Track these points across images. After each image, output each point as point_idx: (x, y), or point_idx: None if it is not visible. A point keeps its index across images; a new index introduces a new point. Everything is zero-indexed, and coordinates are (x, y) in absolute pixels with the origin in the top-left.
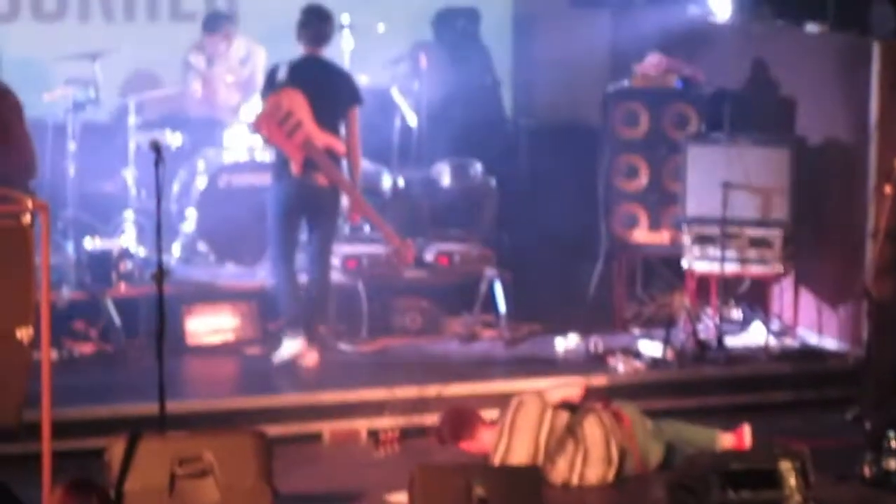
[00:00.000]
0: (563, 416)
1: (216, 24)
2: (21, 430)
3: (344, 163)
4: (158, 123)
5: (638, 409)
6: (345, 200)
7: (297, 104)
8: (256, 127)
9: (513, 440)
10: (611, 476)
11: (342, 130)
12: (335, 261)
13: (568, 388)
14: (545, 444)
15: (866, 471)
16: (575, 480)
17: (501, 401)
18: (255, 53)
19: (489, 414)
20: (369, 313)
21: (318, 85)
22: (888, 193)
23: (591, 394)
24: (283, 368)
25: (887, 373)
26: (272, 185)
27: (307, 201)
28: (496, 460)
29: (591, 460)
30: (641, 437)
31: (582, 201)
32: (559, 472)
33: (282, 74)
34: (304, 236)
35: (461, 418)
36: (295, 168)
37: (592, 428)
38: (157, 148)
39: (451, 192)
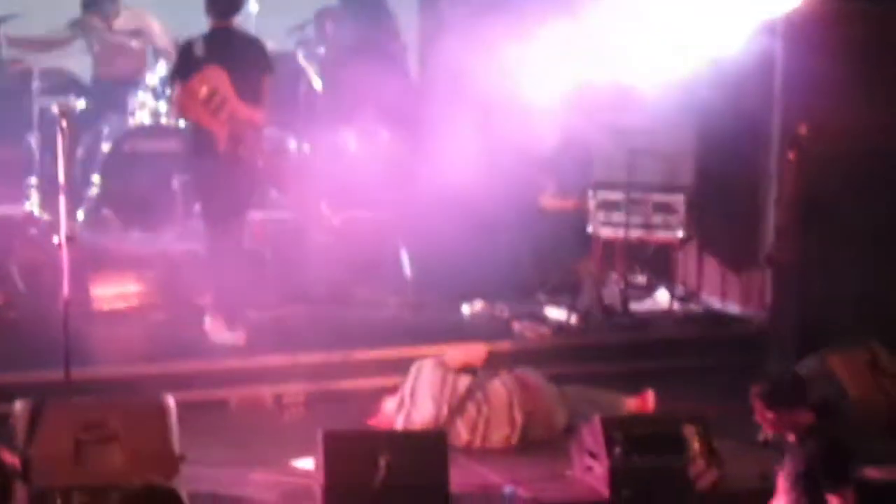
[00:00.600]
0: (465, 381)
1: (94, 5)
2: None
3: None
4: (62, 88)
5: (542, 376)
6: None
7: (220, 81)
8: (179, 110)
9: (414, 405)
10: (515, 439)
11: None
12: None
13: (469, 353)
14: (447, 408)
15: (768, 436)
16: (478, 443)
17: (407, 366)
18: (145, 24)
19: (395, 380)
20: (276, 279)
21: (235, 58)
22: (792, 160)
23: (494, 359)
24: (190, 336)
25: (790, 339)
26: (194, 160)
27: (232, 174)
28: (399, 425)
29: (493, 423)
30: (546, 400)
31: (489, 167)
32: (462, 435)
33: (199, 51)
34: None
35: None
36: (220, 144)
37: (495, 391)
38: (61, 113)
39: (358, 157)
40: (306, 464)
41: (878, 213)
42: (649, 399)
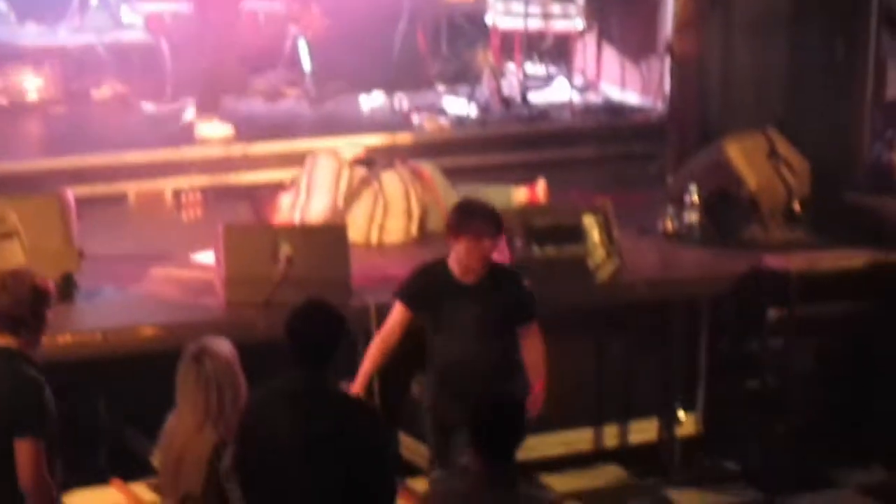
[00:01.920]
0: (361, 173)
1: None
2: None
3: None
4: None
5: (437, 168)
6: None
7: None
8: None
9: (310, 198)
10: (413, 231)
11: None
12: (137, 19)
13: (357, 147)
14: (343, 200)
15: (668, 225)
16: (375, 237)
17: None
18: None
19: (294, 174)
20: (173, 72)
21: None
22: None
23: (392, 151)
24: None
25: (689, 128)
26: None
27: None
28: (296, 218)
29: (390, 214)
30: (443, 193)
31: None
32: (359, 228)
33: None
34: None
35: (261, 205)
36: None
37: (392, 183)
38: None
39: None
40: (207, 258)
41: (777, 4)
42: (539, 187)
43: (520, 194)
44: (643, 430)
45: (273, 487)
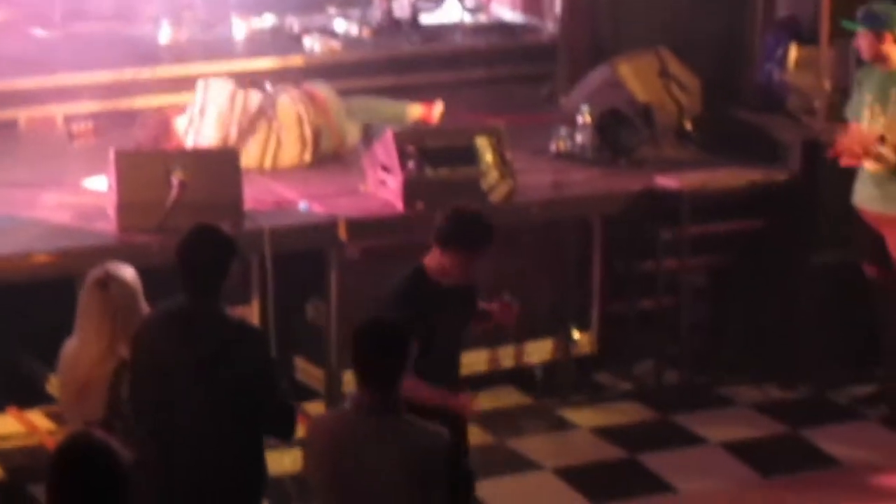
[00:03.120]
0: (256, 97)
1: None
2: None
3: None
4: None
5: (332, 89)
6: None
7: None
8: None
9: (203, 122)
10: (307, 157)
11: None
12: None
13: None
14: (237, 126)
15: (560, 145)
16: (269, 162)
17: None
18: None
19: (185, 99)
20: None
21: None
22: None
23: (284, 74)
24: None
25: (581, 48)
26: None
27: None
28: (188, 143)
29: (284, 140)
30: (335, 113)
31: None
32: (253, 153)
33: None
34: None
35: (157, 124)
36: None
37: (285, 107)
38: None
39: None
40: (99, 183)
41: None
42: (436, 108)
43: (415, 111)
44: (538, 351)
45: (160, 410)
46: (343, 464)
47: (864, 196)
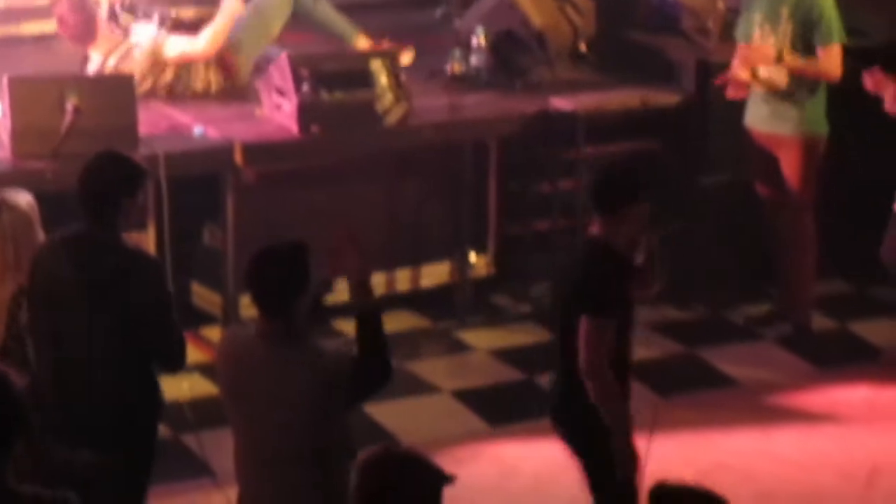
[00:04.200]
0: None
1: None
2: None
3: None
4: None
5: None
6: None
7: None
8: None
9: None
10: (212, 82)
11: None
12: None
13: None
14: (127, 51)
15: (455, 68)
16: (163, 87)
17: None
18: None
19: None
20: None
21: None
22: None
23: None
24: None
25: None
26: None
27: None
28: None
29: (181, 66)
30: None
31: None
32: (146, 77)
33: None
34: None
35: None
36: None
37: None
38: None
39: None
40: None
41: None
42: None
43: (362, 41)
44: (435, 274)
45: (55, 336)
46: (240, 387)
47: (756, 116)
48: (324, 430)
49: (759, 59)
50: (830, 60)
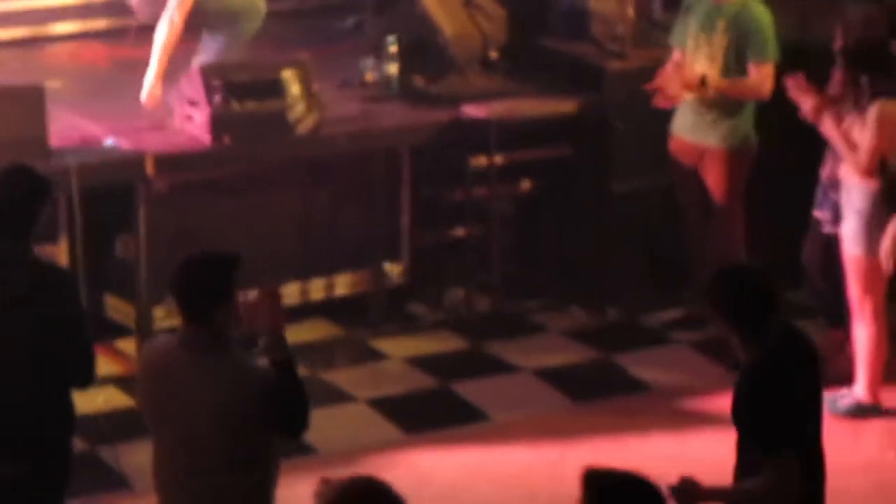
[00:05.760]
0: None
1: None
2: None
3: None
4: None
5: None
6: None
7: None
8: None
9: None
10: None
11: None
12: None
13: None
14: None
15: (368, 76)
16: None
17: None
18: None
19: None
20: None
21: None
22: None
23: None
24: None
25: None
26: None
27: None
28: None
29: None
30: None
31: None
32: None
33: None
34: None
35: None
36: None
37: None
38: None
39: None
40: None
41: None
42: None
43: None
44: (349, 282)
45: None
46: (159, 393)
47: (683, 126)
48: (243, 440)
49: (683, 83)
50: (762, 77)
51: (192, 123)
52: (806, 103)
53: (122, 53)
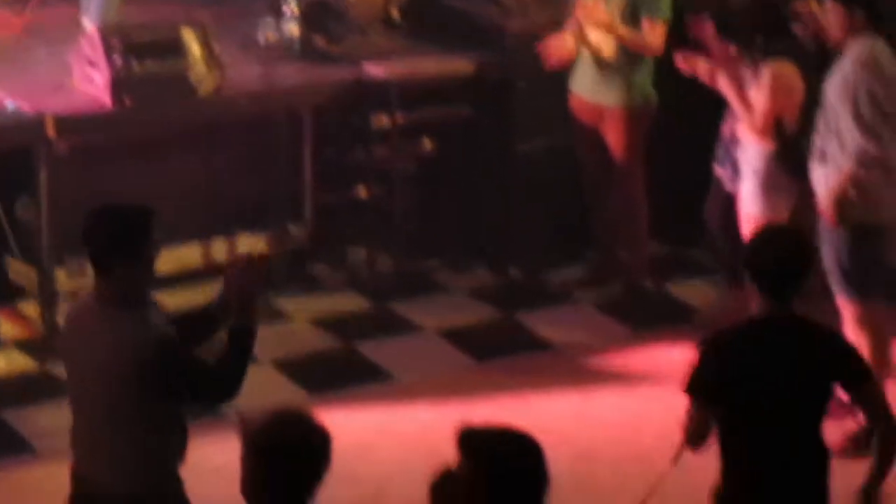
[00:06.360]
0: None
1: None
2: None
3: None
4: None
5: None
6: None
7: None
8: None
9: None
10: None
11: None
12: None
13: None
14: None
15: (268, 37)
16: None
17: None
18: None
19: None
20: None
21: None
22: None
23: None
24: None
25: None
26: None
27: None
28: None
29: None
30: None
31: None
32: None
33: None
34: None
35: None
36: None
37: None
38: None
39: None
40: None
41: None
42: None
43: None
44: (252, 244)
45: None
46: (66, 346)
47: (582, 85)
48: (146, 399)
49: (595, 19)
50: (655, 34)
51: (93, 85)
52: (699, 69)
53: (24, 19)
